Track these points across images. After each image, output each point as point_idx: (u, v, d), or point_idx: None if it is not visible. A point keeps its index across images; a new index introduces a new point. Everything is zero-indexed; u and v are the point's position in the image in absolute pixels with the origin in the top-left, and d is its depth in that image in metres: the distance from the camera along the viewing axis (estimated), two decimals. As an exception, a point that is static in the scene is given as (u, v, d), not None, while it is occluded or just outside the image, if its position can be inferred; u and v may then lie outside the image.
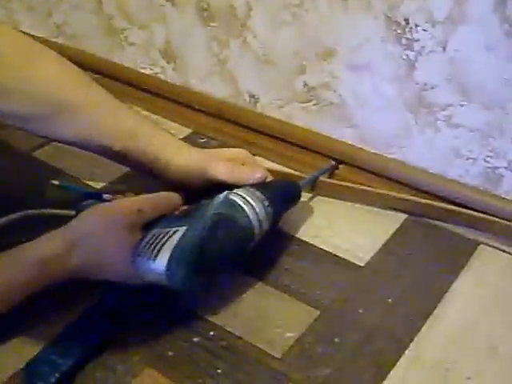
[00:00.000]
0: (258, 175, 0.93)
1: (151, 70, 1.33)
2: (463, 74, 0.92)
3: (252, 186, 0.91)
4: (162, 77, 1.31)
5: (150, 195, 0.87)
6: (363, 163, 1.08)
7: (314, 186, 1.07)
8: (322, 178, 1.07)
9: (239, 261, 0.88)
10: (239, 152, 0.99)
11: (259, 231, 0.87)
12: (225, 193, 0.85)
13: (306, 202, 1.06)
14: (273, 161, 1.16)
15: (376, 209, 1.05)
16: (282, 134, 1.16)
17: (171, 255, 0.77)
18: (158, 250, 0.77)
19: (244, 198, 0.86)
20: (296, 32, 1.05)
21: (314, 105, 1.10)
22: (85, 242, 0.80)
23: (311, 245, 0.98)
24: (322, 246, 0.98)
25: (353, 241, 0.99)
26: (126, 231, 0.80)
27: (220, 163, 0.94)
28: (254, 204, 0.86)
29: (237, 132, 1.22)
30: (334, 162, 1.10)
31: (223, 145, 1.21)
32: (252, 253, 0.88)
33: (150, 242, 0.79)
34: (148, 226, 0.82)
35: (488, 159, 0.96)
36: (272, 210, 0.89)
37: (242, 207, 0.85)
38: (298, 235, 1.00)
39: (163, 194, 0.87)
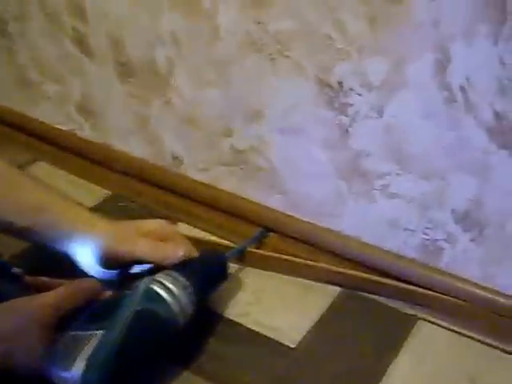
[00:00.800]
0: (180, 253, 0.84)
1: (68, 126, 1.23)
2: (400, 142, 0.85)
3: (176, 266, 0.83)
4: (80, 134, 1.21)
5: (68, 285, 0.78)
6: (294, 232, 1.00)
7: (242, 257, 0.98)
8: (250, 248, 0.99)
9: (162, 353, 0.79)
10: (160, 225, 0.89)
11: (183, 320, 0.79)
12: (146, 281, 0.78)
13: (233, 274, 0.96)
14: (198, 228, 1.07)
15: (308, 281, 0.96)
16: (208, 198, 1.07)
17: (87, 365, 0.70)
18: (74, 360, 0.71)
19: (166, 286, 0.78)
20: (222, 92, 0.97)
21: (242, 169, 1.01)
22: None
23: (239, 324, 0.89)
24: (250, 326, 0.89)
25: (283, 319, 0.90)
26: (40, 332, 0.72)
27: (140, 240, 0.85)
28: (177, 293, 0.79)
29: (160, 195, 1.12)
30: (262, 230, 1.01)
31: (144, 209, 1.11)
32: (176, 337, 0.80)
33: (65, 349, 0.72)
34: (65, 319, 0.74)
35: (427, 231, 0.89)
36: (196, 296, 0.81)
37: (164, 299, 0.77)
38: (225, 314, 0.91)
39: (81, 283, 0.79)
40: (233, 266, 0.95)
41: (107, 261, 0.85)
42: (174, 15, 0.96)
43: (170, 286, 0.78)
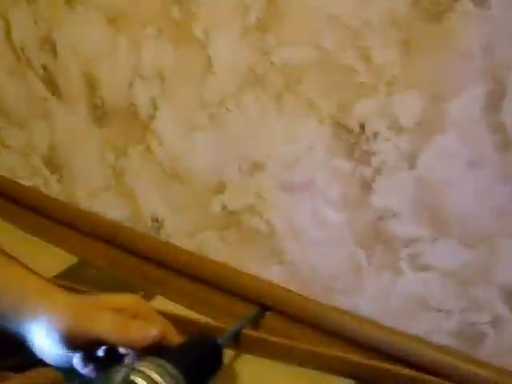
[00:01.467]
0: (153, 333, 0.64)
1: (31, 180, 1.05)
2: (436, 199, 0.68)
3: (161, 353, 0.63)
4: (45, 190, 1.04)
5: (21, 380, 0.61)
6: (296, 311, 0.81)
7: (236, 340, 0.79)
8: (246, 330, 0.80)
9: None
10: (133, 301, 0.70)
11: None
12: (122, 371, 0.58)
13: (227, 363, 0.77)
14: (180, 303, 0.89)
15: (316, 372, 0.77)
16: (192, 269, 0.88)
17: None
18: None
19: (150, 378, 0.58)
20: (214, 139, 0.80)
21: (235, 233, 0.83)
22: None
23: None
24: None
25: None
26: None
27: (104, 315, 0.66)
28: None
29: (135, 264, 0.94)
30: (259, 309, 0.82)
31: (116, 280, 0.92)
32: None
33: None
34: None
35: (466, 312, 0.71)
36: None
37: None
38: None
39: (38, 376, 0.59)
40: (227, 352, 0.75)
41: (65, 341, 0.65)
42: (159, 46, 0.80)
43: (155, 376, 0.58)
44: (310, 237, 0.77)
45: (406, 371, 0.74)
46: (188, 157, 0.83)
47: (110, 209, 0.95)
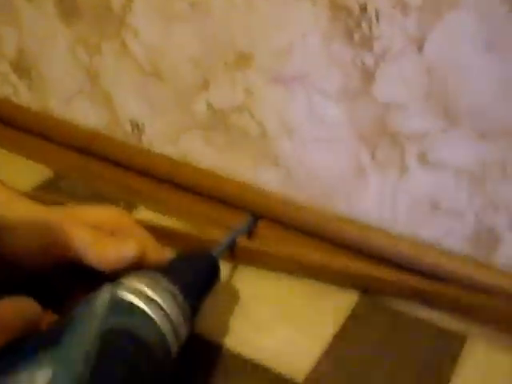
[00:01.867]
0: (130, 252, 0.56)
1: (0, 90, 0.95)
2: (448, 88, 0.59)
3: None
4: (15, 99, 0.93)
5: None
6: (292, 219, 0.73)
7: (232, 251, 0.71)
8: (240, 240, 0.72)
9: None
10: (108, 214, 0.62)
11: (176, 346, 0.52)
12: (108, 287, 0.49)
13: (223, 276, 0.68)
14: (165, 214, 0.79)
15: (318, 284, 0.69)
16: (177, 177, 0.79)
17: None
18: None
19: (143, 293, 0.50)
20: (195, 30, 0.70)
21: (222, 135, 0.74)
22: None
23: (232, 354, 0.62)
24: (245, 354, 0.62)
25: (286, 340, 0.64)
26: None
27: (79, 229, 0.58)
28: (162, 303, 0.51)
29: (114, 174, 0.84)
30: (252, 218, 0.74)
31: (95, 192, 0.83)
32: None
33: None
34: None
35: (482, 214, 0.63)
36: (189, 304, 0.54)
37: (146, 313, 0.50)
38: (214, 339, 0.64)
39: (13, 305, 0.49)
40: (221, 264, 0.67)
41: (33, 259, 0.57)
42: None
43: (146, 289, 0.51)
44: (307, 135, 0.68)
45: (415, 280, 0.67)
46: (168, 51, 0.73)
47: (86, 115, 0.85)
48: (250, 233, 0.74)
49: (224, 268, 0.68)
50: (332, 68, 0.63)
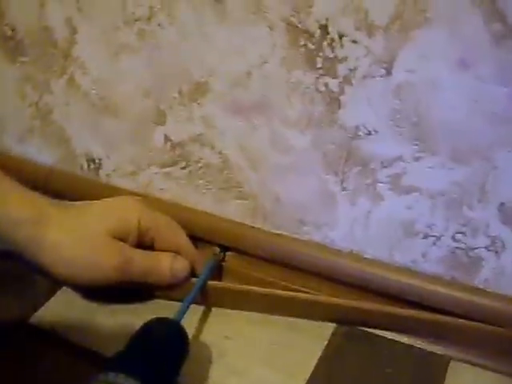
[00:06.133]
0: (185, 271, 0.60)
1: None
2: (420, 109, 0.51)
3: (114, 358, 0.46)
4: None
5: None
6: (262, 248, 0.64)
7: (202, 294, 0.61)
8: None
9: None
10: (136, 213, 0.59)
11: None
12: None
13: (196, 321, 0.60)
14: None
15: (289, 319, 0.60)
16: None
17: None
18: None
19: None
20: (146, 60, 0.61)
21: (183, 168, 0.65)
22: None
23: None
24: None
25: (263, 381, 0.55)
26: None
27: (135, 255, 0.58)
28: None
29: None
30: (217, 254, 0.65)
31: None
32: None
33: None
34: None
35: (459, 236, 0.55)
36: None
37: None
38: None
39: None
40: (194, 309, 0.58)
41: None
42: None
43: None
44: (272, 165, 0.59)
45: (394, 309, 0.59)
46: (118, 84, 0.64)
47: (40, 152, 0.75)
48: (220, 268, 0.64)
49: (196, 312, 0.59)
50: (294, 95, 0.54)
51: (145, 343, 0.49)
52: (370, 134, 0.53)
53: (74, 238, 0.54)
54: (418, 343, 0.58)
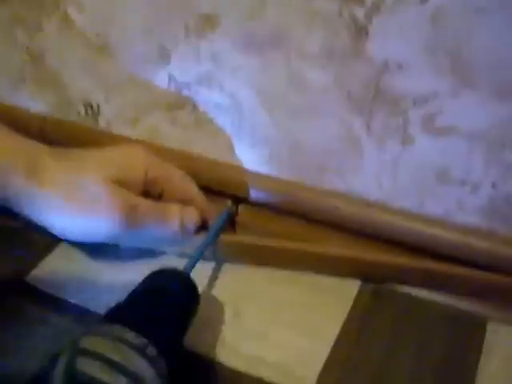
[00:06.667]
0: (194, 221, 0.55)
1: None
2: (457, 41, 0.45)
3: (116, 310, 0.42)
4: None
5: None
6: (278, 200, 0.60)
7: (215, 248, 0.57)
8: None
9: None
10: (141, 161, 0.55)
11: None
12: (64, 356, 0.36)
13: (208, 280, 0.56)
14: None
15: (311, 276, 0.56)
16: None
17: None
18: None
19: (108, 359, 0.36)
20: (147, -9, 0.55)
21: (190, 112, 0.60)
22: None
23: (228, 370, 0.49)
24: (243, 368, 0.49)
25: (285, 348, 0.51)
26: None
27: (140, 204, 0.53)
28: (131, 367, 0.37)
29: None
30: (230, 207, 0.61)
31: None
32: None
33: None
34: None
35: (499, 183, 0.50)
36: (165, 357, 0.40)
37: None
38: (205, 353, 0.50)
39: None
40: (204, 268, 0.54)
41: None
42: None
43: (117, 358, 0.37)
44: (289, 107, 0.54)
45: (426, 264, 0.55)
46: (117, 21, 0.59)
47: (34, 99, 0.70)
48: (232, 222, 0.60)
49: (207, 270, 0.55)
50: (314, 25, 0.49)
51: (147, 294, 0.45)
52: (400, 67, 0.48)
53: (69, 188, 0.50)
54: (452, 302, 0.54)
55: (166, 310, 0.44)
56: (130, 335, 0.38)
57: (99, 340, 0.38)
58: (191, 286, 0.47)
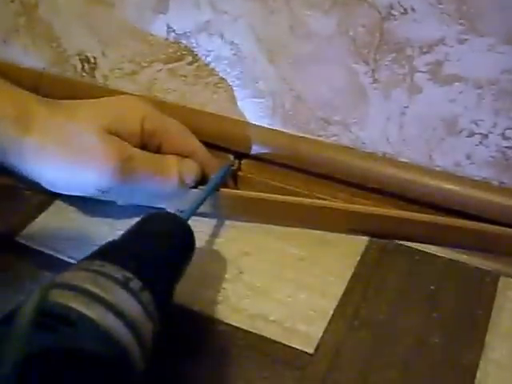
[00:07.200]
0: (195, 175, 0.56)
1: None
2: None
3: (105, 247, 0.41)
4: None
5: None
6: (282, 154, 0.59)
7: (215, 202, 0.56)
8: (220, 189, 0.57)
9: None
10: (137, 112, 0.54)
11: (142, 361, 0.36)
12: (38, 290, 0.33)
13: (208, 237, 0.56)
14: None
15: (316, 232, 0.56)
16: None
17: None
18: None
19: (86, 289, 0.35)
20: None
21: (190, 64, 0.59)
22: None
23: (230, 329, 0.49)
24: (246, 325, 0.49)
25: (289, 304, 0.51)
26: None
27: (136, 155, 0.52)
28: (110, 298, 0.35)
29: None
30: (231, 161, 0.60)
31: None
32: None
33: None
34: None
35: (510, 133, 0.50)
36: (152, 294, 0.38)
37: (87, 318, 0.34)
38: (206, 311, 0.50)
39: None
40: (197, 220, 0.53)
41: None
42: None
43: (95, 289, 0.35)
44: (292, 56, 0.53)
45: (434, 218, 0.54)
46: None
47: (27, 54, 0.69)
48: (234, 178, 0.60)
49: (209, 227, 0.55)
50: (317, -32, 0.48)
51: (139, 234, 0.44)
52: (406, 12, 0.47)
53: (59, 136, 0.49)
54: (463, 257, 0.54)
55: (157, 249, 0.43)
56: (111, 268, 0.37)
57: (76, 273, 0.37)
58: (186, 231, 0.46)
